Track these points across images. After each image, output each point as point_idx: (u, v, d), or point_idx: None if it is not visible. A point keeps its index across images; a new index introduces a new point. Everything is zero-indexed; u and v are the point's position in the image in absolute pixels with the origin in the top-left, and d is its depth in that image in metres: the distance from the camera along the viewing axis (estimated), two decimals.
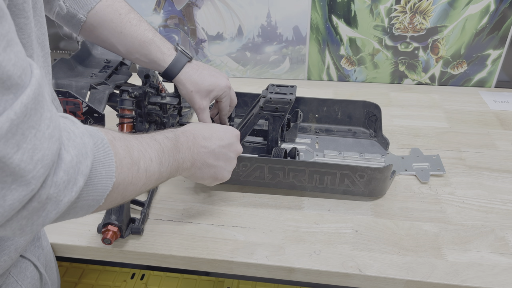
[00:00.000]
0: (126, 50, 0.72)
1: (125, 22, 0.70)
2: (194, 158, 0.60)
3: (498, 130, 0.97)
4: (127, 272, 1.15)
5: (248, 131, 0.82)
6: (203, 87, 0.75)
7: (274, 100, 0.78)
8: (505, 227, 0.71)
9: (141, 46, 0.72)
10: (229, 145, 0.64)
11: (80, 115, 0.73)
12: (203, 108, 0.76)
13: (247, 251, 0.68)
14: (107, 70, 0.83)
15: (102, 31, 0.70)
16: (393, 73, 1.17)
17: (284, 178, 0.76)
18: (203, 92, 0.75)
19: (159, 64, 0.73)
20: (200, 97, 0.75)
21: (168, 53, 0.73)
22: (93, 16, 0.69)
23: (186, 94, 0.75)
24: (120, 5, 0.71)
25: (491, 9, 1.04)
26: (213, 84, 0.75)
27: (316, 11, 1.10)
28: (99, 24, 0.70)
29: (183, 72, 0.74)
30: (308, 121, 0.95)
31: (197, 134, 0.61)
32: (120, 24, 0.70)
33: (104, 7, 0.70)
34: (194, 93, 0.75)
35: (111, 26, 0.70)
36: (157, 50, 0.72)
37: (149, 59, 0.73)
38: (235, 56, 1.20)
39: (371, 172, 0.72)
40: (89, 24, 0.70)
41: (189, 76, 0.74)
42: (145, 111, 0.82)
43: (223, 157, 0.63)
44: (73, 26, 0.71)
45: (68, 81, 0.77)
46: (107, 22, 0.70)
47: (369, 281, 0.65)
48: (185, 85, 0.74)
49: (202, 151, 0.61)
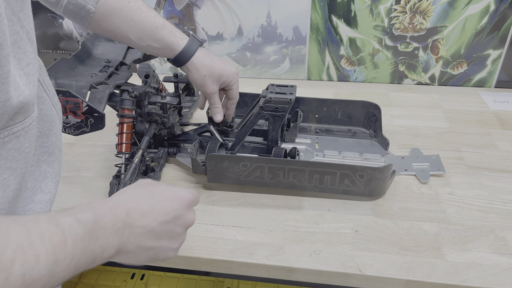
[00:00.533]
0: (138, 37, 0.71)
1: (135, 9, 0.70)
2: (123, 242, 0.45)
3: (498, 130, 0.97)
4: (127, 272, 1.15)
5: (248, 131, 0.82)
6: (215, 71, 0.76)
7: (274, 100, 0.78)
8: (505, 227, 0.71)
9: (153, 32, 0.71)
10: (175, 218, 0.50)
11: (80, 114, 0.73)
12: (215, 92, 0.78)
13: (247, 251, 0.68)
14: (107, 70, 0.83)
15: (112, 20, 0.69)
16: (393, 73, 1.17)
17: (284, 178, 0.76)
18: (215, 76, 0.76)
19: (173, 48, 0.73)
20: (212, 81, 0.76)
21: (181, 36, 0.73)
22: (102, 6, 0.68)
23: (199, 78, 0.76)
24: None
25: (491, 9, 1.04)
26: (224, 69, 0.77)
27: (316, 11, 1.10)
28: (109, 13, 0.69)
29: (196, 56, 0.74)
30: (308, 121, 0.95)
31: (132, 210, 0.46)
32: (130, 12, 0.69)
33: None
34: (207, 77, 0.76)
35: (121, 14, 0.69)
36: (170, 34, 0.72)
37: (162, 44, 0.72)
38: (235, 56, 1.20)
39: (371, 172, 0.73)
40: (98, 14, 0.69)
41: (202, 60, 0.75)
42: (145, 111, 0.82)
43: (166, 235, 0.50)
44: (81, 18, 0.69)
45: (68, 80, 0.77)
46: (117, 11, 0.69)
47: (369, 281, 0.65)
48: (199, 69, 0.75)
49: (137, 232, 0.46)
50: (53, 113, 0.53)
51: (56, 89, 0.72)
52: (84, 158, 0.90)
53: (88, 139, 0.95)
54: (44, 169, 0.52)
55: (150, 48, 0.73)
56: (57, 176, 0.55)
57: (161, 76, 0.91)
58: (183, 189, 0.53)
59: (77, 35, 1.24)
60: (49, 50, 1.28)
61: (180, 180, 0.83)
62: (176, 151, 0.87)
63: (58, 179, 0.55)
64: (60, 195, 0.80)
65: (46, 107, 0.51)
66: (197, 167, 0.79)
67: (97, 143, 0.94)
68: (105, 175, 0.85)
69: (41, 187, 0.52)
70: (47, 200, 0.53)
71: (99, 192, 0.80)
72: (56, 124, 0.53)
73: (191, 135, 0.87)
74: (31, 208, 0.51)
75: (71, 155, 0.91)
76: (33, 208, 0.51)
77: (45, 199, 0.53)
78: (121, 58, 0.88)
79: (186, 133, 0.88)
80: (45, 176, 0.53)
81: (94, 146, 0.93)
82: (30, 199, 0.51)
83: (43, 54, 1.28)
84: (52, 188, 0.54)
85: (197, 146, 0.82)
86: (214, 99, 0.79)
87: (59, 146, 0.55)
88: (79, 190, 0.81)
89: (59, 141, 0.55)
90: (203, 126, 0.88)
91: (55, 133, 0.53)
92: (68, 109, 0.73)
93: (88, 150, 0.93)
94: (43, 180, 0.53)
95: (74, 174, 0.86)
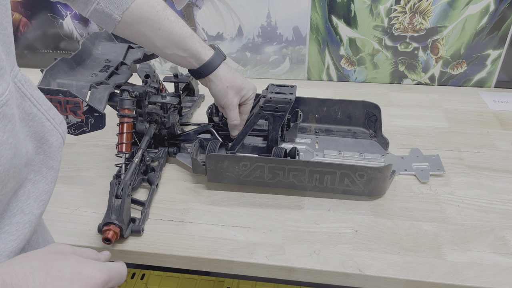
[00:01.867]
0: (164, 45, 0.72)
1: (163, 18, 0.70)
2: None
3: (498, 130, 0.97)
4: (127, 272, 1.15)
5: (248, 130, 0.82)
6: (236, 84, 0.78)
7: (274, 100, 0.78)
8: (504, 227, 0.71)
9: (181, 41, 0.72)
10: None
11: (80, 114, 0.74)
12: (235, 105, 0.80)
13: (247, 251, 0.68)
14: (107, 69, 0.83)
15: (139, 27, 0.70)
16: (393, 73, 1.17)
17: (284, 178, 0.76)
18: (236, 88, 0.78)
19: (199, 58, 0.75)
20: (233, 93, 0.78)
21: (207, 47, 0.76)
22: (129, 15, 0.69)
23: (222, 89, 0.78)
24: (156, 1, 0.71)
25: (491, 9, 1.04)
26: (244, 83, 0.80)
27: (316, 11, 1.10)
28: (136, 21, 0.69)
29: (220, 68, 0.76)
30: (308, 121, 0.95)
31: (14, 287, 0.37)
32: (158, 21, 0.70)
33: (140, 5, 0.69)
34: (229, 88, 0.78)
35: (149, 23, 0.70)
36: (198, 44, 0.74)
37: (189, 53, 0.74)
38: (235, 56, 1.21)
39: (370, 172, 0.73)
40: (124, 22, 0.69)
41: (225, 72, 0.77)
42: (146, 111, 0.82)
43: None
44: (106, 25, 0.70)
45: (68, 80, 0.77)
46: (144, 20, 0.70)
47: (369, 281, 0.65)
48: (222, 80, 0.77)
49: None
50: (45, 130, 0.49)
51: (56, 89, 0.72)
52: (84, 158, 0.90)
53: (88, 139, 0.95)
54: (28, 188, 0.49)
55: (176, 56, 0.74)
56: (43, 196, 0.50)
57: (161, 76, 0.91)
58: (96, 267, 0.42)
59: (78, 35, 1.24)
60: (49, 50, 1.28)
61: (180, 180, 0.83)
62: (176, 151, 0.87)
63: (44, 198, 0.50)
64: (60, 195, 0.80)
65: (36, 123, 0.48)
66: (197, 167, 0.79)
67: (98, 143, 0.94)
68: (105, 175, 0.85)
69: (22, 208, 0.48)
70: (26, 222, 0.48)
71: (99, 192, 0.80)
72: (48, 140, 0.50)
73: (191, 135, 0.87)
74: (6, 231, 0.46)
75: (71, 155, 0.91)
76: (8, 230, 0.46)
77: (24, 221, 0.47)
78: (122, 58, 0.89)
79: (186, 133, 0.88)
80: (28, 196, 0.48)
81: (94, 146, 0.94)
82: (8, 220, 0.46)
83: (43, 54, 1.28)
84: (35, 208, 0.49)
85: (197, 146, 0.82)
86: (234, 113, 0.80)
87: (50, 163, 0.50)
88: (79, 190, 0.81)
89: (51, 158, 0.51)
90: (203, 126, 0.88)
91: (45, 150, 0.50)
92: (68, 109, 0.73)
93: (88, 150, 0.93)
94: (26, 200, 0.48)
95: (74, 174, 0.86)
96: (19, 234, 0.47)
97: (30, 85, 0.47)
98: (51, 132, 0.50)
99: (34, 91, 0.48)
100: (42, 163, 0.50)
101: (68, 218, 0.75)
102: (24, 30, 1.25)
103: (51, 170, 0.51)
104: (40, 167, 0.50)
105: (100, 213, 0.75)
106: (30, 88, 0.47)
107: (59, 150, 0.52)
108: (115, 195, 0.69)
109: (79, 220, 0.75)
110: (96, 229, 0.71)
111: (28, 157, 0.46)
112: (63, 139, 0.53)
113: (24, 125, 0.46)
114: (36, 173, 0.49)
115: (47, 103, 0.50)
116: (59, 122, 0.51)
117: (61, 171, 0.86)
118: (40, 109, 0.48)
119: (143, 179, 0.81)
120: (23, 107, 0.46)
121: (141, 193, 0.80)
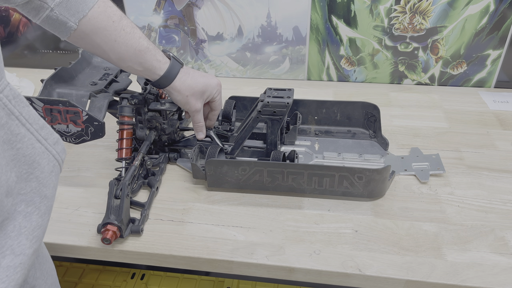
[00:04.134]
0: (119, 58, 0.69)
1: (119, 30, 0.67)
2: None
3: (498, 130, 0.97)
4: (127, 272, 1.15)
5: (247, 135, 0.82)
6: (197, 89, 0.76)
7: (272, 103, 0.79)
8: (504, 227, 0.71)
9: (136, 54, 0.69)
10: None
11: (80, 123, 0.74)
12: (198, 109, 0.79)
13: (247, 251, 0.68)
14: (107, 77, 0.84)
15: (94, 38, 0.66)
16: (393, 73, 1.17)
17: (283, 181, 0.76)
18: (198, 94, 0.77)
19: (154, 72, 0.72)
20: (195, 99, 0.77)
21: (163, 60, 0.72)
22: (85, 24, 0.64)
23: (182, 99, 0.76)
24: (112, 10, 0.67)
25: (491, 9, 1.04)
26: (206, 85, 0.77)
27: (316, 12, 1.10)
28: (92, 31, 0.65)
29: (177, 79, 0.74)
30: (308, 123, 0.95)
31: None
32: (114, 32, 0.66)
33: (97, 13, 0.64)
34: (189, 97, 0.76)
35: (105, 34, 0.66)
36: (153, 58, 0.71)
37: (144, 67, 0.71)
38: (235, 56, 1.21)
39: (369, 174, 0.73)
40: (80, 31, 0.65)
41: (183, 81, 0.75)
42: (145, 118, 0.82)
43: None
44: (60, 33, 0.65)
45: (68, 90, 0.78)
46: (101, 30, 0.65)
47: (369, 281, 0.65)
48: (181, 91, 0.75)
49: None
50: (36, 152, 0.44)
51: (56, 99, 0.72)
52: (84, 158, 0.90)
53: None
54: (19, 222, 0.43)
55: (131, 69, 0.72)
56: (36, 231, 0.45)
57: None
58: None
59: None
60: (49, 50, 1.28)
61: (180, 180, 0.83)
62: (176, 156, 0.87)
63: (37, 234, 0.45)
64: (60, 195, 0.80)
65: (25, 145, 0.43)
66: (197, 172, 0.79)
67: (97, 143, 0.94)
68: (105, 175, 0.85)
69: (13, 247, 0.42)
70: (18, 265, 0.42)
71: (99, 192, 0.80)
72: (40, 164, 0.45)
73: (191, 141, 0.88)
74: None
75: (71, 155, 0.91)
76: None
77: (15, 264, 0.42)
78: None
79: (186, 138, 0.88)
80: (19, 232, 0.43)
81: (94, 146, 0.94)
82: None
83: (43, 54, 1.28)
84: (27, 247, 0.43)
85: (197, 151, 0.82)
86: (197, 117, 0.79)
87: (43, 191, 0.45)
88: (79, 190, 0.82)
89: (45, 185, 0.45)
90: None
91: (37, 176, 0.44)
92: (68, 119, 0.74)
93: (88, 150, 0.93)
94: (16, 238, 0.42)
95: (74, 174, 0.86)
96: (10, 280, 0.41)
97: (20, 101, 0.43)
98: (42, 155, 0.45)
99: (23, 108, 0.43)
100: (35, 191, 0.45)
101: (68, 218, 0.75)
102: (24, 30, 1.25)
103: (44, 200, 0.45)
104: (32, 197, 0.44)
105: (100, 213, 0.75)
106: (19, 105, 0.43)
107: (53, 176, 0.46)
108: (114, 196, 0.69)
109: (79, 220, 0.75)
110: (96, 229, 0.71)
111: (9, 185, 0.41)
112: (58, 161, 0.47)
113: (8, 148, 0.41)
114: (28, 203, 0.44)
115: (40, 121, 0.46)
116: (53, 142, 0.47)
117: (61, 171, 0.86)
118: (29, 128, 0.44)
119: (143, 183, 0.81)
120: (8, 127, 0.41)
121: (141, 196, 0.80)
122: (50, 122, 0.75)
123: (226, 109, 0.90)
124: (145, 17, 1.17)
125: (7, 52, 1.29)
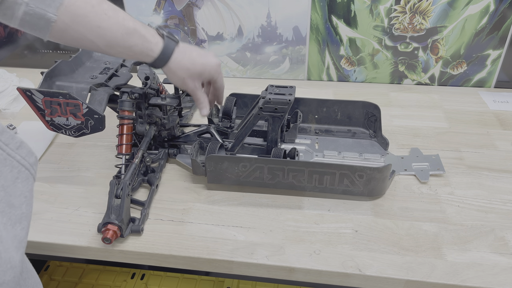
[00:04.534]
0: (107, 44, 0.65)
1: (100, 14, 0.62)
2: None
3: (498, 130, 0.97)
4: (127, 272, 1.15)
5: (248, 131, 0.82)
6: (194, 71, 0.72)
7: (273, 100, 0.78)
8: (504, 227, 0.71)
9: (124, 38, 0.64)
10: None
11: (80, 116, 0.74)
12: (198, 88, 0.75)
13: (247, 251, 0.68)
14: (107, 71, 0.83)
15: (77, 28, 0.62)
16: (393, 73, 1.17)
17: (283, 178, 0.76)
18: (195, 75, 0.73)
19: (147, 55, 0.68)
20: (192, 80, 0.74)
21: (154, 41, 0.68)
22: (63, 13, 0.60)
23: (178, 80, 0.73)
24: None
25: (491, 9, 1.04)
26: (204, 65, 0.73)
27: (316, 12, 1.10)
28: (72, 20, 0.61)
29: (173, 59, 0.70)
30: (308, 121, 0.95)
31: None
32: (95, 17, 0.62)
33: (73, 0, 0.60)
34: (186, 79, 0.73)
35: (86, 21, 0.62)
36: (143, 40, 0.66)
37: (135, 51, 0.67)
38: (235, 56, 1.21)
39: (370, 172, 0.73)
40: (60, 23, 0.61)
41: (179, 61, 0.70)
42: (145, 113, 0.82)
43: None
44: (41, 29, 0.61)
45: (68, 83, 0.78)
46: (81, 17, 0.61)
47: (369, 281, 0.65)
48: (176, 73, 0.71)
49: None
50: None
51: (56, 91, 0.72)
52: (84, 158, 0.90)
53: (88, 139, 0.95)
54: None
55: (122, 54, 0.67)
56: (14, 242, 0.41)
57: (161, 77, 0.91)
58: None
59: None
60: (49, 50, 1.28)
61: (180, 180, 0.83)
62: (176, 152, 0.87)
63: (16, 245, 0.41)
64: (60, 195, 0.80)
65: None
66: (197, 168, 0.79)
67: (97, 143, 0.94)
68: (105, 175, 0.85)
69: None
70: None
71: (99, 192, 0.80)
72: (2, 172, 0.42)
73: (191, 137, 0.87)
74: None
75: (71, 155, 0.91)
76: None
77: None
78: (121, 60, 0.89)
79: (186, 134, 0.88)
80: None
81: (94, 146, 0.94)
82: None
83: (43, 54, 1.28)
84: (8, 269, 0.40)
85: (197, 147, 0.82)
86: (198, 95, 0.76)
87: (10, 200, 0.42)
88: (79, 190, 0.81)
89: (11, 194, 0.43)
90: (203, 127, 0.88)
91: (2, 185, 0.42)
92: (68, 111, 0.73)
93: (88, 150, 0.93)
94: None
95: (74, 174, 0.86)
96: None
97: None
98: (4, 162, 0.42)
99: None
100: (4, 201, 0.42)
101: (68, 218, 0.75)
102: None
103: (12, 209, 0.42)
104: (3, 207, 0.42)
105: (100, 213, 0.75)
106: None
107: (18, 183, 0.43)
108: (114, 195, 0.69)
109: (79, 220, 0.75)
110: (96, 229, 0.71)
111: None
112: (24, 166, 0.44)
113: None
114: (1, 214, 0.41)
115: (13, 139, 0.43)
116: (15, 147, 0.44)
117: (61, 171, 0.86)
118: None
119: (143, 180, 0.81)
120: None
121: (141, 194, 0.80)
122: (50, 114, 0.74)
123: (227, 106, 0.90)
124: (145, 17, 1.17)
125: (7, 52, 1.29)
